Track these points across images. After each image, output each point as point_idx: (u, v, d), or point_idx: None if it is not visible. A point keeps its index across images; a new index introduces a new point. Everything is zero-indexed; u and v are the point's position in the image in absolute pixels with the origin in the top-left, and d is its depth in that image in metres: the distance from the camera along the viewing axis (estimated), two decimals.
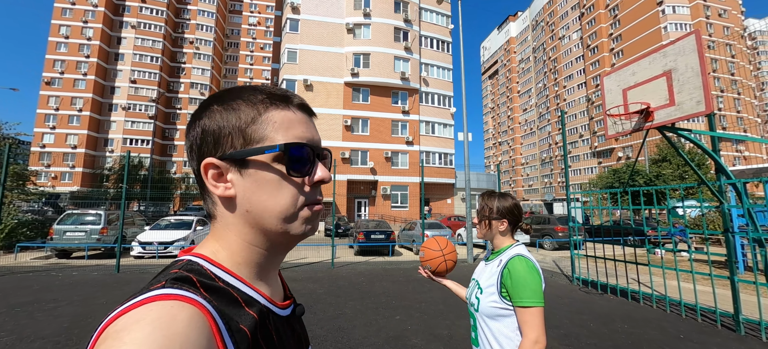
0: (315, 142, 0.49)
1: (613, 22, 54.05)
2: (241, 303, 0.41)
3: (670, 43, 3.86)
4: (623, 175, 23.81)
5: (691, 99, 3.62)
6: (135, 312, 0.32)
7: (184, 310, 0.34)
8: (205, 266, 0.43)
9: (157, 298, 0.34)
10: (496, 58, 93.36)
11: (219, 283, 0.41)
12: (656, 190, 8.48)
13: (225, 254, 0.46)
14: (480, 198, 1.44)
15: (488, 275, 1.33)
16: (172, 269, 0.41)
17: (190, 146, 0.47)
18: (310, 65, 27.10)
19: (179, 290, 0.36)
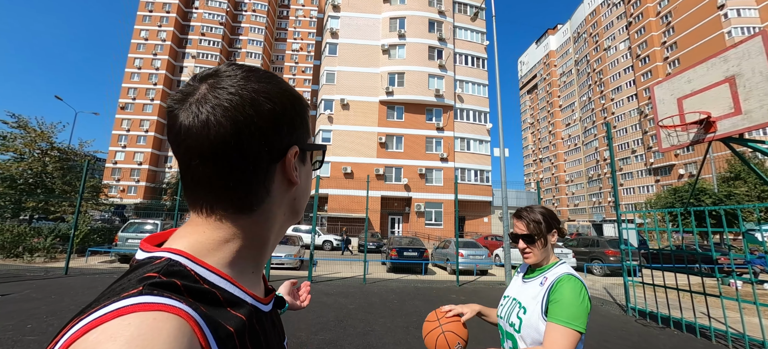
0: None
1: (667, 30, 50.06)
2: (228, 307, 0.37)
3: (731, 46, 3.49)
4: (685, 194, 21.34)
5: (761, 106, 3.20)
6: (109, 326, 0.27)
7: (169, 322, 0.29)
8: (189, 265, 0.37)
9: (135, 308, 0.29)
10: (534, 73, 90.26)
11: (204, 285, 0.36)
12: (725, 210, 7.51)
13: (220, 249, 0.40)
14: (520, 219, 1.29)
15: (532, 294, 1.22)
16: (148, 270, 0.34)
17: (259, 125, 0.39)
18: (347, 86, 28.17)
19: (161, 298, 0.31)
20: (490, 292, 8.35)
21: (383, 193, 26.53)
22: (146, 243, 0.40)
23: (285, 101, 0.43)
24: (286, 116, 0.42)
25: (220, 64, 0.40)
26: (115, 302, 0.29)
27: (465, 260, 11.20)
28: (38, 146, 14.55)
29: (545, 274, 1.24)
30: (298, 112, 0.45)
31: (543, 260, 1.27)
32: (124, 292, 0.30)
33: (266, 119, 0.40)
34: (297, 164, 0.45)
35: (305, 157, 0.48)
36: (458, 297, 7.52)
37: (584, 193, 68.64)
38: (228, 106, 0.37)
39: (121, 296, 0.30)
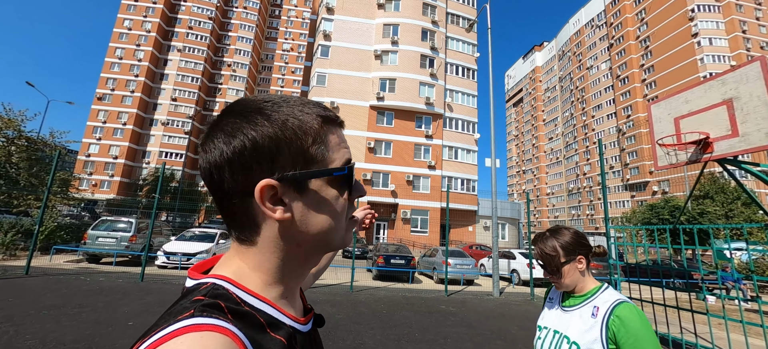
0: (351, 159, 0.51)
1: (645, 53, 52.60)
2: (268, 328, 0.40)
3: (729, 70, 3.56)
4: (662, 210, 22.20)
5: (759, 130, 3.26)
6: (169, 344, 0.31)
7: (216, 340, 0.32)
8: (231, 289, 0.40)
9: (188, 329, 0.32)
10: (520, 87, 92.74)
11: (245, 308, 0.39)
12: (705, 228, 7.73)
13: (254, 275, 0.44)
14: (536, 248, 1.20)
15: (582, 327, 1.07)
16: (196, 294, 0.39)
17: (229, 160, 0.41)
18: (338, 88, 27.96)
19: (210, 319, 0.34)
20: (479, 303, 8.27)
21: (370, 198, 26.31)
22: (194, 271, 0.45)
23: (257, 137, 0.41)
24: (257, 152, 0.41)
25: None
26: (171, 325, 0.33)
27: (452, 269, 11.12)
28: (4, 134, 13.57)
29: (593, 302, 1.10)
30: (276, 145, 0.41)
31: (579, 284, 1.14)
32: (179, 315, 0.34)
33: (229, 158, 0.41)
34: (287, 196, 0.42)
35: (302, 187, 0.43)
36: (448, 307, 7.40)
37: (564, 205, 70.60)
38: (208, 152, 0.42)
39: (177, 319, 0.33)
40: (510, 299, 9.23)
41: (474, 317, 6.68)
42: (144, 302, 5.88)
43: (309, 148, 0.43)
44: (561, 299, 1.22)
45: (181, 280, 8.32)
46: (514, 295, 10.02)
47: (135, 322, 4.74)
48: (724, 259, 15.81)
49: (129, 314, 5.13)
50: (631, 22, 55.63)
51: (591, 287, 1.14)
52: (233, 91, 55.36)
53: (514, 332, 5.75)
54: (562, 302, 1.20)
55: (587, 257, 1.15)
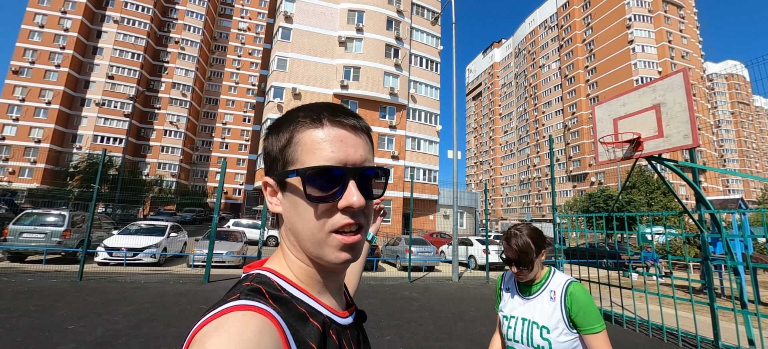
0: (346, 161, 0.45)
1: (589, 56, 57.51)
2: (306, 314, 0.44)
3: (659, 78, 4.09)
4: (598, 199, 24.85)
5: (678, 132, 3.82)
6: (215, 322, 0.36)
7: (256, 319, 0.37)
8: (273, 278, 0.47)
9: (233, 309, 0.38)
10: (480, 81, 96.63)
11: (284, 294, 0.45)
12: (634, 215, 8.80)
13: (286, 266, 0.50)
14: (508, 245, 1.28)
15: (546, 312, 1.22)
16: (245, 281, 0.46)
17: (263, 162, 0.54)
18: (300, 74, 26.98)
19: (252, 301, 0.40)
20: (440, 288, 8.71)
21: None
22: (248, 268, 0.51)
23: (274, 136, 0.49)
24: (272, 151, 0.49)
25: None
26: (221, 305, 0.39)
27: (415, 256, 11.52)
28: None
29: (548, 287, 1.25)
30: (283, 143, 0.47)
31: (537, 274, 1.29)
32: (229, 298, 0.41)
33: (265, 156, 0.52)
34: (280, 193, 0.49)
35: (285, 185, 0.48)
36: (411, 293, 7.70)
37: (516, 194, 75.81)
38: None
39: (227, 301, 0.40)
40: (468, 282, 9.83)
41: (435, 301, 7.04)
42: (86, 303, 5.35)
43: (285, 150, 0.47)
44: (518, 288, 1.34)
45: (128, 277, 7.67)
46: (471, 279, 10.67)
47: (77, 325, 4.32)
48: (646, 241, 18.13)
49: (69, 316, 4.65)
50: (579, 25, 60.28)
51: (543, 274, 1.30)
52: (182, 71, 50.89)
53: (472, 314, 6.17)
54: (521, 291, 1.32)
55: (545, 250, 1.29)
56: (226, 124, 57.35)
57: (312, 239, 0.45)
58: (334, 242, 0.45)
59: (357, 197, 0.44)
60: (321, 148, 0.44)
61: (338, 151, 0.45)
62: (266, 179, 0.49)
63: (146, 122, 48.86)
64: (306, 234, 0.45)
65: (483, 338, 4.75)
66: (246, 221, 19.96)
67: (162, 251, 9.85)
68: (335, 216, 0.45)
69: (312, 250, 0.46)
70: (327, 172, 0.44)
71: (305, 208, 0.45)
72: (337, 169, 0.44)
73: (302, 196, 0.44)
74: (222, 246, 10.23)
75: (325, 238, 0.45)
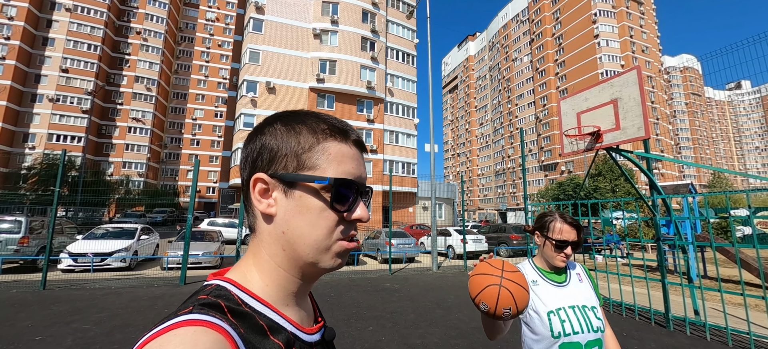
0: (361, 179, 0.49)
1: (558, 50, 59.84)
2: (267, 331, 0.41)
3: (616, 75, 4.42)
4: (567, 187, 26.22)
5: (633, 125, 4.17)
6: (161, 338, 0.33)
7: (207, 335, 0.34)
8: (233, 291, 0.44)
9: (182, 323, 0.35)
10: (455, 74, 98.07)
11: (245, 308, 0.42)
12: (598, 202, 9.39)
13: (256, 274, 0.47)
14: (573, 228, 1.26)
15: (585, 291, 1.28)
16: (201, 294, 0.43)
17: (245, 157, 0.49)
18: (274, 68, 26.27)
19: (205, 316, 0.37)
20: (420, 278, 8.96)
21: None
22: (213, 276, 0.48)
23: (289, 134, 0.47)
24: (263, 149, 0.47)
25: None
26: (171, 319, 0.36)
27: (395, 249, 11.73)
28: None
29: (571, 271, 1.33)
30: (278, 146, 0.46)
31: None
32: (180, 311, 0.38)
33: (245, 148, 0.49)
34: (276, 194, 0.46)
35: (290, 187, 0.46)
36: (392, 285, 7.88)
37: (492, 185, 78.22)
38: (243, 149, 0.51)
39: (177, 314, 0.37)
40: (446, 272, 10.16)
41: (416, 291, 7.26)
42: (52, 312, 5.09)
43: (303, 154, 0.46)
44: (547, 278, 1.30)
45: (97, 284, 7.32)
46: (449, 268, 11.03)
47: (44, 335, 4.13)
48: (609, 225, 19.33)
49: (34, 327, 4.42)
50: (549, 20, 62.40)
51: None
52: (145, 64, 48.00)
53: (450, 301, 6.43)
54: (553, 281, 1.29)
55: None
56: (197, 120, 54.89)
57: (316, 245, 0.46)
58: (337, 249, 0.47)
59: (366, 212, 0.49)
60: (346, 163, 0.48)
61: (356, 169, 0.49)
62: (262, 175, 0.46)
63: (108, 119, 45.85)
64: (311, 239, 0.46)
65: (460, 324, 4.99)
66: (222, 220, 19.40)
67: (133, 254, 9.44)
68: (345, 226, 0.48)
69: (311, 255, 0.46)
70: (352, 186, 0.47)
71: (319, 214, 0.46)
72: (358, 185, 0.48)
73: (320, 202, 0.46)
74: (198, 247, 9.95)
75: (331, 244, 0.46)
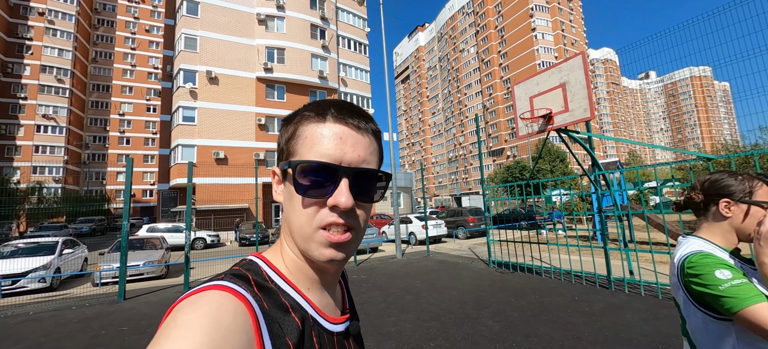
0: (341, 160, 0.45)
1: (501, 42, 63.60)
2: (288, 308, 0.44)
3: (564, 60, 4.73)
4: (514, 170, 28.25)
5: (579, 107, 4.52)
6: (193, 297, 0.37)
7: (229, 300, 0.38)
8: (262, 266, 0.47)
9: (212, 287, 0.39)
10: (407, 64, 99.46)
11: (270, 284, 0.45)
12: (541, 182, 10.10)
13: (280, 257, 0.50)
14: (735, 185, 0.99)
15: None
16: (235, 266, 0.47)
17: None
18: (215, 56, 24.15)
19: (232, 284, 0.40)
20: (386, 267, 8.99)
21: (265, 179, 24.48)
22: (251, 254, 0.52)
23: (283, 128, 0.51)
24: (280, 142, 0.51)
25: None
26: (207, 283, 0.40)
27: None
28: None
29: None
30: (289, 135, 0.49)
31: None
32: (214, 278, 0.42)
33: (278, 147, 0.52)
34: (283, 183, 0.50)
35: (285, 175, 0.49)
36: (359, 276, 7.79)
37: (446, 171, 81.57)
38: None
39: (211, 280, 0.42)
40: (411, 258, 10.35)
41: (383, 280, 7.26)
42: None
43: (287, 143, 0.48)
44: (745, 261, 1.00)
45: (10, 311, 6.14)
46: (413, 254, 11.26)
47: None
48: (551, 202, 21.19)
49: None
50: (492, 13, 65.81)
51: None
52: (53, 51, 41.09)
53: (418, 286, 6.53)
54: (748, 264, 0.99)
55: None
56: (125, 116, 48.68)
57: (300, 233, 0.46)
58: (320, 239, 0.45)
59: (345, 197, 0.43)
60: (319, 144, 0.45)
61: (334, 149, 0.44)
62: (274, 168, 0.52)
63: (8, 117, 38.64)
64: (296, 226, 0.46)
65: (431, 307, 5.09)
66: (163, 224, 17.56)
67: (54, 272, 8.11)
68: (322, 212, 0.45)
69: (300, 243, 0.47)
70: (315, 168, 0.44)
71: (297, 200, 0.45)
72: (328, 165, 0.44)
73: (296, 189, 0.45)
74: (138, 256, 8.87)
75: (312, 233, 0.45)
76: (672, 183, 8.32)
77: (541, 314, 4.59)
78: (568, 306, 4.84)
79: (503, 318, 4.49)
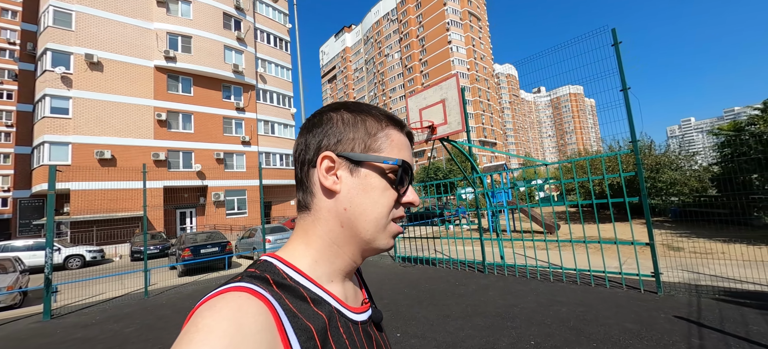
0: (414, 168, 0.56)
1: (422, 50, 68.04)
2: (310, 303, 0.44)
3: (443, 79, 5.51)
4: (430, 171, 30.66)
5: (455, 120, 5.33)
6: (212, 301, 0.38)
7: (251, 302, 0.38)
8: (279, 266, 0.47)
9: (231, 289, 0.39)
10: (334, 64, 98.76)
11: (290, 282, 0.45)
12: (449, 182, 11.30)
13: (304, 250, 0.50)
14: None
15: None
16: (251, 267, 0.46)
17: (308, 140, 0.52)
18: (98, 36, 20.36)
19: (250, 285, 0.40)
20: None
21: (167, 183, 21.64)
22: (264, 255, 0.51)
23: (332, 114, 0.52)
24: (331, 131, 0.50)
25: None
26: (224, 286, 0.41)
27: (273, 245, 11.28)
28: None
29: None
30: (345, 129, 0.50)
31: None
32: (231, 281, 0.42)
33: (309, 131, 0.52)
34: (341, 172, 0.49)
35: (356, 167, 0.50)
36: None
37: None
38: (305, 131, 0.53)
39: (228, 283, 0.42)
40: None
41: None
42: None
43: (370, 138, 0.51)
44: None
45: None
46: None
47: None
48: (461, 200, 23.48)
49: None
50: (414, 22, 69.85)
51: None
52: None
53: None
54: None
55: None
56: None
57: (377, 223, 0.49)
58: (392, 229, 0.51)
59: (417, 197, 0.54)
60: (405, 150, 0.53)
61: (409, 157, 0.54)
62: (330, 154, 0.49)
63: None
64: (372, 217, 0.49)
65: None
66: (21, 241, 14.14)
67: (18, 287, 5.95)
68: (399, 208, 0.52)
69: (370, 232, 0.49)
70: (406, 169, 0.51)
71: (382, 193, 0.49)
72: (411, 169, 0.53)
73: (384, 182, 0.50)
74: None
75: (386, 224, 0.50)
76: (548, 181, 10.16)
77: (425, 299, 5.26)
78: (449, 291, 5.64)
79: (392, 307, 5.01)
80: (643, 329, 3.60)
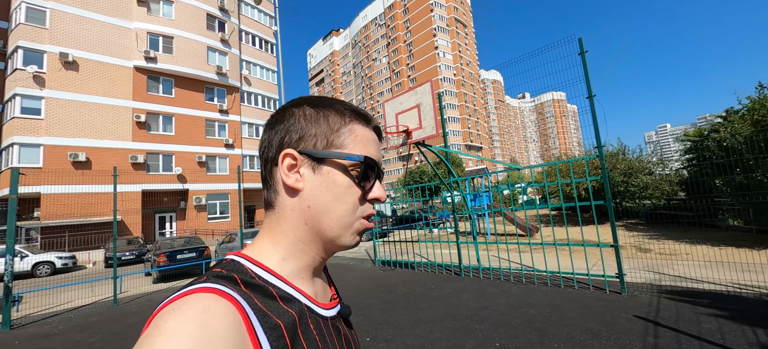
0: (379, 162, 0.54)
1: (410, 55, 68.65)
2: (279, 301, 0.43)
3: (418, 85, 5.59)
4: (415, 175, 30.85)
5: (429, 125, 5.41)
6: (175, 302, 0.36)
7: (218, 303, 0.36)
8: (246, 265, 0.45)
9: (195, 291, 0.37)
10: (322, 67, 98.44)
11: (258, 281, 0.43)
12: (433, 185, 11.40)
13: (272, 249, 0.49)
14: None
15: None
16: (216, 268, 0.45)
17: (270, 137, 0.51)
18: (74, 35, 19.70)
19: (217, 285, 0.39)
20: None
21: (146, 186, 21.02)
22: (230, 253, 0.49)
23: (294, 110, 0.51)
24: (293, 128, 0.49)
25: None
26: (189, 287, 0.39)
27: None
28: None
29: None
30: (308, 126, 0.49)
31: None
32: (196, 282, 0.40)
33: (272, 127, 0.51)
34: (303, 170, 0.48)
35: (318, 164, 0.48)
36: None
37: None
38: (268, 128, 0.53)
39: (192, 284, 0.40)
40: None
41: None
42: None
43: (332, 134, 0.49)
44: None
45: None
46: None
47: None
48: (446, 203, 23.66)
49: None
50: (401, 27, 70.48)
51: None
52: None
53: None
54: None
55: None
56: None
57: (341, 220, 0.48)
58: (359, 226, 0.50)
59: (383, 192, 0.53)
60: (370, 145, 0.52)
61: (376, 153, 0.53)
62: (292, 151, 0.48)
63: None
64: (337, 214, 0.48)
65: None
66: None
67: None
68: (366, 204, 0.51)
69: (334, 230, 0.49)
70: (374, 167, 0.51)
71: (346, 191, 0.48)
72: (378, 165, 0.52)
73: (347, 179, 0.49)
74: None
75: (353, 221, 0.49)
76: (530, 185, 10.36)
77: (400, 303, 5.28)
78: (424, 294, 5.67)
79: (366, 312, 5.00)
80: (603, 328, 3.72)
